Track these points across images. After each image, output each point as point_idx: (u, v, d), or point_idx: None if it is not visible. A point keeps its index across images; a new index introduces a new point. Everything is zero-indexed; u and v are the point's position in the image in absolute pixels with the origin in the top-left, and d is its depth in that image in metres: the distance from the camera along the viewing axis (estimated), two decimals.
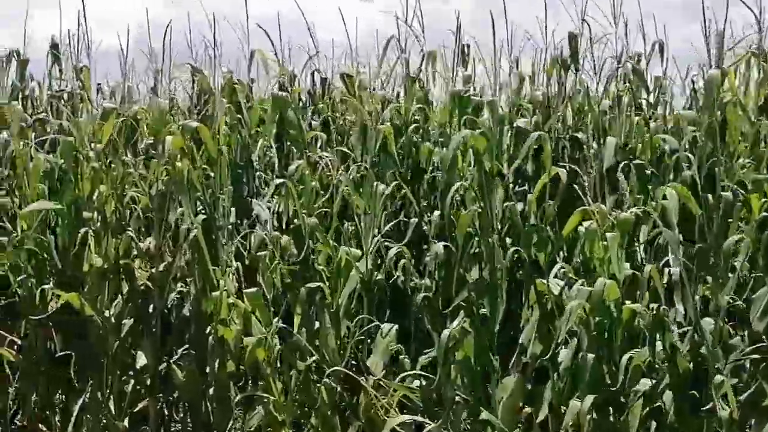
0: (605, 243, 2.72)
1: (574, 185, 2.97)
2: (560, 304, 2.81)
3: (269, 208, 4.14)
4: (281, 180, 3.44)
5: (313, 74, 4.63)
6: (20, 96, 4.79)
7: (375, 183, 3.41)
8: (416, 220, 3.75)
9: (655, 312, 2.70)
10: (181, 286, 3.93)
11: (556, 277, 2.96)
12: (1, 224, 3.95)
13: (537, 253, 2.98)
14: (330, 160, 3.32)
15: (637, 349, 2.79)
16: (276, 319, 3.39)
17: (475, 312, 2.98)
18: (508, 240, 3.21)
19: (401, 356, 3.14)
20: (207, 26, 4.34)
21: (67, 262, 3.87)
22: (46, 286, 3.73)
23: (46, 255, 3.86)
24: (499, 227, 3.08)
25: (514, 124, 3.71)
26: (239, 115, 4.35)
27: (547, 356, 2.89)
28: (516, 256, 3.05)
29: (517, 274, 3.10)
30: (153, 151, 4.53)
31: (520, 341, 2.97)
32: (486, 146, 3.05)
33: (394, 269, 3.37)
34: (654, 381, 2.72)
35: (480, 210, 3.06)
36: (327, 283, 3.31)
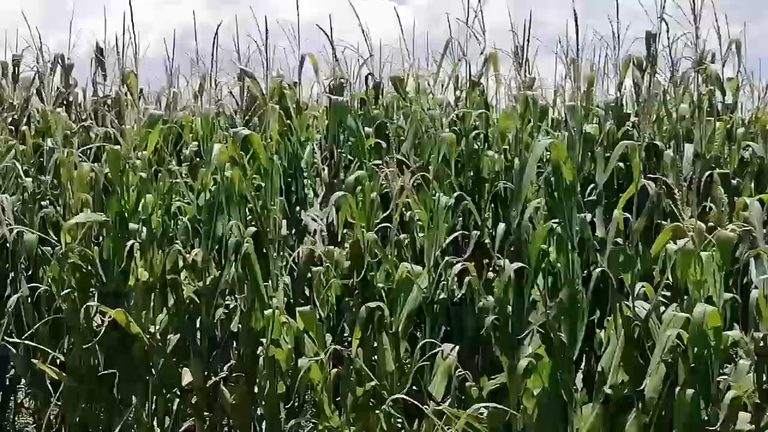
0: (700, 264, 2.44)
1: (659, 198, 2.70)
2: (648, 330, 2.55)
3: (320, 219, 3.97)
4: (342, 193, 3.21)
5: (366, 78, 4.41)
6: (64, 102, 4.66)
7: (438, 195, 3.18)
8: (477, 233, 3.50)
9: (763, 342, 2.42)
10: (229, 301, 3.75)
11: (638, 298, 2.69)
12: (44, 236, 3.80)
13: (623, 274, 2.72)
14: (390, 170, 3.09)
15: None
16: (331, 340, 3.19)
17: (552, 337, 2.73)
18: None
19: (468, 383, 2.90)
20: (246, 29, 4.16)
21: (112, 276, 3.71)
22: (90, 303, 3.57)
23: (90, 268, 3.70)
24: (578, 244, 2.82)
25: (584, 130, 3.44)
26: (288, 122, 4.16)
27: (631, 387, 2.63)
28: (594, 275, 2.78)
29: (595, 295, 2.83)
30: (198, 159, 4.38)
31: (599, 369, 2.71)
32: (566, 156, 2.80)
33: (457, 287, 3.13)
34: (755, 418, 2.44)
35: (557, 225, 2.81)
36: (385, 302, 3.08)
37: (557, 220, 2.82)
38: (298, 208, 4.17)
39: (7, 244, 4.08)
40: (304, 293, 3.70)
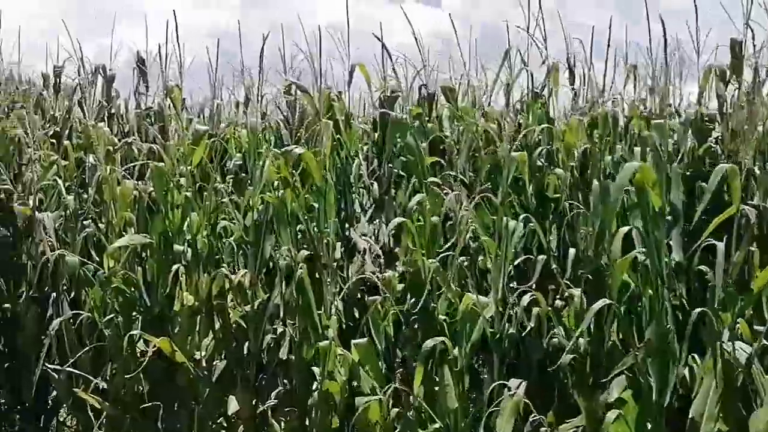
0: None
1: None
2: (750, 375, 2.29)
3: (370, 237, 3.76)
4: (401, 219, 2.98)
5: (420, 89, 4.18)
6: (106, 115, 4.52)
7: (505, 219, 2.94)
8: (544, 257, 3.26)
9: None
10: (278, 326, 3.56)
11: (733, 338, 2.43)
12: (86, 260, 3.64)
13: (721, 312, 2.46)
14: (455, 193, 2.87)
15: None
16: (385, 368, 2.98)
17: (639, 380, 2.48)
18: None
19: (543, 429, 2.66)
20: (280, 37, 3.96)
21: (156, 300, 3.54)
22: (134, 331, 3.41)
23: (133, 291, 3.54)
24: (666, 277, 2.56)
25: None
26: (338, 136, 3.96)
27: None
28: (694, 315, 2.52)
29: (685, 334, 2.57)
30: (243, 175, 4.20)
31: (690, 416, 2.46)
32: (654, 180, 2.55)
33: (526, 319, 2.89)
34: None
35: (643, 255, 2.55)
36: (447, 334, 2.86)
37: (642, 249, 2.57)
38: (346, 224, 3.97)
39: (49, 264, 3.95)
40: (354, 317, 3.51)
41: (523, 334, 2.88)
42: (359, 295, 3.49)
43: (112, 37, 5.03)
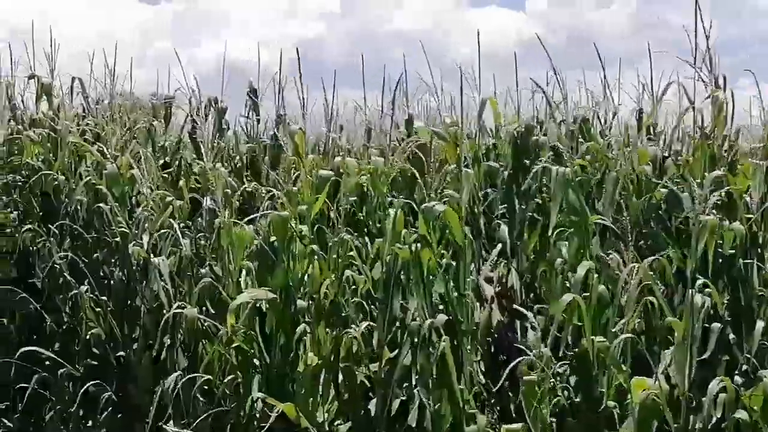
0: None
1: None
2: None
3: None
4: (570, 296, 2.60)
5: (560, 124, 3.79)
6: (220, 154, 4.32)
7: (690, 292, 2.53)
8: (719, 326, 2.82)
9: None
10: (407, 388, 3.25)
11: None
12: (203, 318, 3.42)
13: None
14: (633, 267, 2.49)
15: None
16: None
17: None
18: None
19: None
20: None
21: (278, 359, 3.29)
22: (258, 394, 3.16)
23: (253, 349, 3.31)
24: None
25: None
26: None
27: None
28: None
29: None
30: (361, 215, 3.92)
31: None
32: None
33: (713, 409, 2.47)
34: None
35: None
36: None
37: None
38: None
39: (164, 311, 3.78)
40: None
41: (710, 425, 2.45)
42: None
43: (223, 65, 4.88)
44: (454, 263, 2.99)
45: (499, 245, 3.43)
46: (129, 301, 4.05)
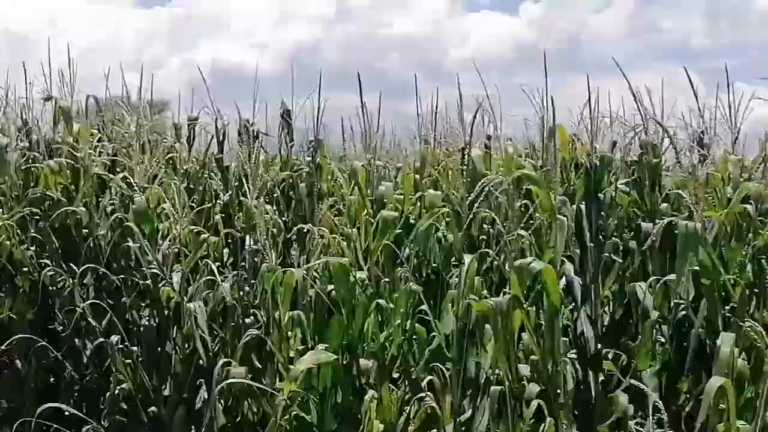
0: None
1: None
2: None
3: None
4: (720, 380, 2.22)
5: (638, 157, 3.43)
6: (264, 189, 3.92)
7: None
8: None
9: None
10: None
11: None
12: (256, 384, 3.04)
13: None
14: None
15: None
16: None
17: None
18: None
19: None
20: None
21: (336, 426, 2.92)
22: None
23: (310, 414, 2.94)
24: None
25: None
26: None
27: None
28: None
29: None
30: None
31: None
32: None
33: None
34: None
35: None
36: None
37: None
38: None
39: (201, 362, 3.41)
40: None
41: None
42: None
43: (256, 86, 4.52)
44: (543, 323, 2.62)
45: None
46: (159, 348, 3.67)
